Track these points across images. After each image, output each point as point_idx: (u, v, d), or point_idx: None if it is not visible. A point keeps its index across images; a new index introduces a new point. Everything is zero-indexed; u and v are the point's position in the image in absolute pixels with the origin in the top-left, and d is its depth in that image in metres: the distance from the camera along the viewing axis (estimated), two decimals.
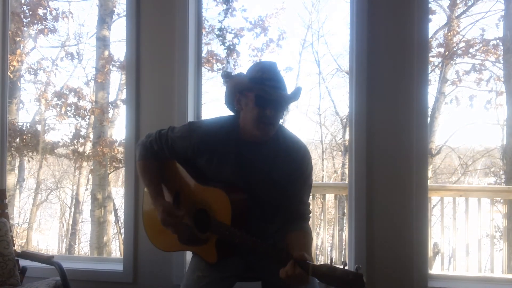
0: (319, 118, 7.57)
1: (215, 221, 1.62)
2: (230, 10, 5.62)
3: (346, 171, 6.24)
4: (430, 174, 6.32)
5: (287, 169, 1.64)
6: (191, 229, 1.71)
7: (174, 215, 1.65)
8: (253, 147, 1.65)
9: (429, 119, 4.65)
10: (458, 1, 6.29)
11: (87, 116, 6.58)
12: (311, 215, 1.72)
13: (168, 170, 1.81)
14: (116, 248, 7.12)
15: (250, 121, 1.60)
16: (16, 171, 6.77)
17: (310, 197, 1.78)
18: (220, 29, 5.59)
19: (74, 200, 7.49)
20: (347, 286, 1.27)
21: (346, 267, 1.30)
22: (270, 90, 1.55)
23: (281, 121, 1.69)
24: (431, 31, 6.00)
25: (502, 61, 6.01)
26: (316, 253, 6.07)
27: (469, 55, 6.12)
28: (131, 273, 2.64)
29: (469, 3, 6.33)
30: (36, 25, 6.19)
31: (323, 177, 7.71)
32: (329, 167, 7.89)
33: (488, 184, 6.79)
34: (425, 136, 2.44)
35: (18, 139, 6.19)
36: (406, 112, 2.44)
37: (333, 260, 1.37)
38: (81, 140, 6.61)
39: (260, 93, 1.55)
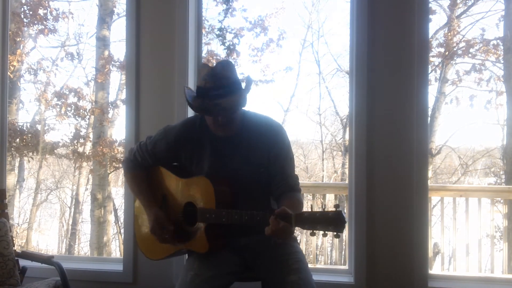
0: (319, 118, 7.58)
1: (201, 209, 1.66)
2: (230, 10, 5.62)
3: (346, 171, 6.24)
4: (430, 174, 6.32)
5: (264, 149, 1.69)
6: (181, 227, 1.74)
7: (164, 227, 1.71)
8: (225, 139, 1.71)
9: (429, 119, 4.65)
10: (458, 1, 6.29)
11: (87, 116, 6.58)
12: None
13: (154, 177, 1.86)
14: (116, 248, 7.11)
15: (210, 125, 1.69)
16: (16, 171, 6.76)
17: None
18: (220, 29, 5.59)
19: (74, 200, 7.49)
20: (329, 225, 1.33)
21: (325, 209, 1.37)
22: (211, 104, 1.55)
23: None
24: (431, 31, 5.99)
25: (502, 61, 6.01)
26: (316, 253, 6.07)
27: (469, 55, 6.12)
28: (131, 273, 2.64)
29: (469, 3, 6.33)
30: (37, 25, 6.18)
31: (323, 177, 7.71)
32: (329, 167, 7.89)
33: (488, 184, 6.78)
34: (425, 136, 2.44)
35: (18, 139, 6.19)
36: (406, 112, 2.43)
37: (313, 207, 1.42)
38: (81, 140, 6.61)
39: (204, 107, 1.58)
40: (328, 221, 1.33)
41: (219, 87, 1.58)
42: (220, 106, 1.55)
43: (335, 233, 1.34)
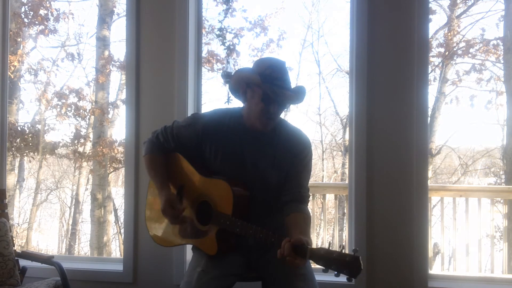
0: (319, 118, 7.57)
1: (217, 212, 1.65)
2: (230, 10, 5.62)
3: (346, 171, 6.24)
4: (430, 174, 6.32)
5: (289, 154, 1.71)
6: (192, 222, 1.73)
7: (175, 207, 1.69)
8: (256, 134, 1.71)
9: (429, 119, 4.65)
10: (458, 1, 6.30)
11: (87, 116, 6.58)
12: (310, 209, 1.75)
13: (173, 164, 1.84)
14: (116, 248, 7.11)
15: (253, 114, 1.67)
16: (16, 171, 6.77)
17: (310, 197, 1.80)
18: (220, 29, 5.58)
19: (74, 200, 7.49)
20: (344, 268, 1.31)
21: (344, 250, 1.34)
22: (277, 90, 1.60)
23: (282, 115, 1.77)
24: (431, 31, 5.99)
25: (502, 61, 6.01)
26: None
27: (469, 55, 6.12)
28: (131, 273, 2.63)
29: (469, 3, 6.34)
30: (37, 25, 6.19)
31: (323, 177, 7.71)
32: (329, 167, 7.89)
33: (488, 184, 6.78)
34: (425, 136, 2.44)
35: (18, 139, 6.19)
36: (406, 112, 2.44)
37: (331, 244, 1.39)
38: (81, 140, 6.61)
39: (267, 91, 1.60)
40: (344, 264, 1.31)
41: (284, 80, 1.65)
42: (287, 97, 1.62)
43: (347, 276, 1.32)
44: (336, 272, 1.34)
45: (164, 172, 1.80)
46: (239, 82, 1.70)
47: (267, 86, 1.60)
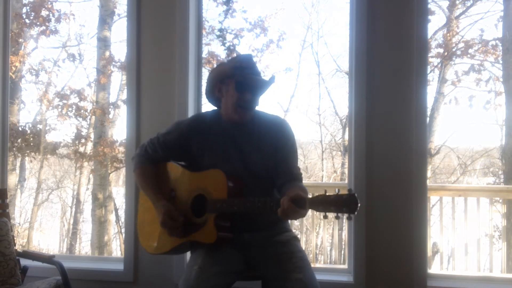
0: (318, 118, 7.59)
1: (212, 200, 1.69)
2: (230, 11, 5.64)
3: (346, 171, 6.25)
4: (429, 174, 6.33)
5: (273, 139, 1.78)
6: (188, 220, 1.74)
7: (174, 219, 1.71)
8: (236, 127, 1.78)
9: (428, 119, 4.66)
10: (457, 2, 6.31)
11: (88, 117, 6.60)
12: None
13: (163, 172, 1.88)
14: (116, 248, 7.13)
15: (230, 106, 1.75)
16: (17, 171, 6.78)
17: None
18: (220, 30, 5.61)
19: (75, 200, 7.51)
20: (343, 207, 1.37)
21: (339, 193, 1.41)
22: (247, 76, 1.71)
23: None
24: (430, 32, 6.01)
25: (501, 62, 6.03)
26: (316, 252, 6.08)
27: (468, 56, 6.13)
28: (132, 272, 2.65)
29: (468, 4, 6.35)
30: (39, 26, 6.20)
31: (322, 177, 7.72)
32: (329, 167, 7.90)
33: (487, 184, 6.79)
34: (424, 136, 2.45)
35: (19, 140, 6.21)
36: (406, 112, 2.45)
37: (326, 192, 1.45)
38: (82, 140, 6.63)
39: (239, 79, 1.71)
40: (342, 203, 1.37)
41: (253, 68, 1.75)
42: (257, 81, 1.72)
43: (347, 214, 1.37)
44: (336, 214, 1.39)
45: (157, 182, 1.85)
46: (213, 81, 1.79)
47: (238, 74, 1.70)
